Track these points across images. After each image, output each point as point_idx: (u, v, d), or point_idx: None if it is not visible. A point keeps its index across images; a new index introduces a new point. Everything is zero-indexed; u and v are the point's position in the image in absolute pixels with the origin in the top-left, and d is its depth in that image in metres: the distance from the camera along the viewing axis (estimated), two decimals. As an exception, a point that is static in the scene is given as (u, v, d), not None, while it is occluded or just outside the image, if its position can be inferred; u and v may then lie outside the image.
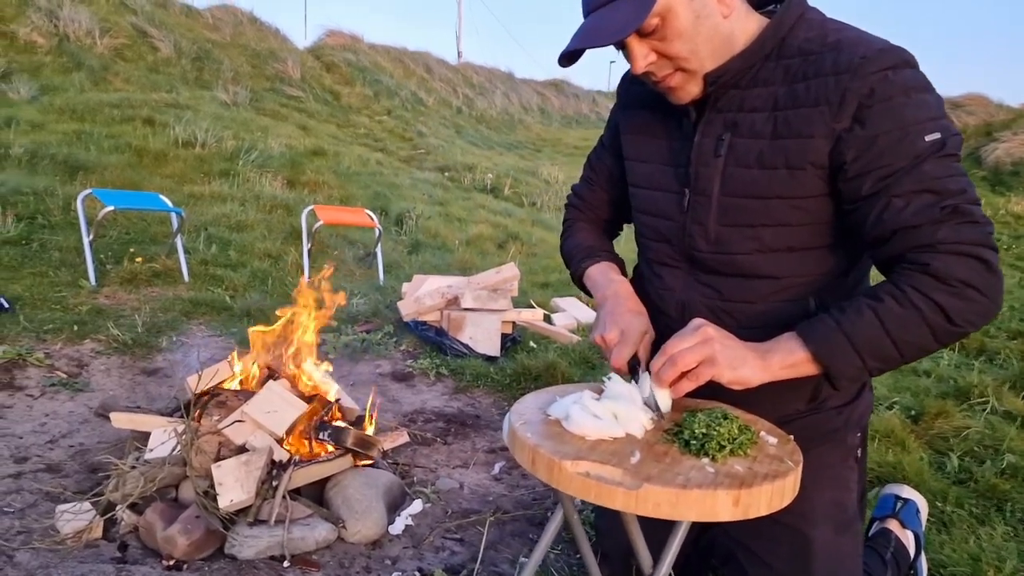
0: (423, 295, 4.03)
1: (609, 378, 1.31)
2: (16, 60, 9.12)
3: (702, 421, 1.16)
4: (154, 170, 6.91)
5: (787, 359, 1.17)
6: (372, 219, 5.30)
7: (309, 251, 4.94)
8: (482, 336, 3.80)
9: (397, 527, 2.18)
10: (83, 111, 7.96)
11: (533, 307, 4.39)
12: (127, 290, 4.07)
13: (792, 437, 1.21)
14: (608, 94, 22.71)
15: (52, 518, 1.99)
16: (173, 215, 4.53)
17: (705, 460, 1.09)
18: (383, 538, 2.09)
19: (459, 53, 23.06)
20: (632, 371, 1.35)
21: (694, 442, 1.13)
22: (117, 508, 2.01)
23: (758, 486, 1.01)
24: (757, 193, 1.28)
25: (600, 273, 1.59)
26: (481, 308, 3.87)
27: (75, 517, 1.95)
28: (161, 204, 4.45)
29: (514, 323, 4.08)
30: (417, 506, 2.32)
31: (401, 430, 2.80)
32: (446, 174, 10.28)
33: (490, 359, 3.76)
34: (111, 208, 4.08)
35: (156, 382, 3.16)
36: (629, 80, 1.58)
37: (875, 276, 1.27)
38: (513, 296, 4.11)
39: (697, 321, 1.22)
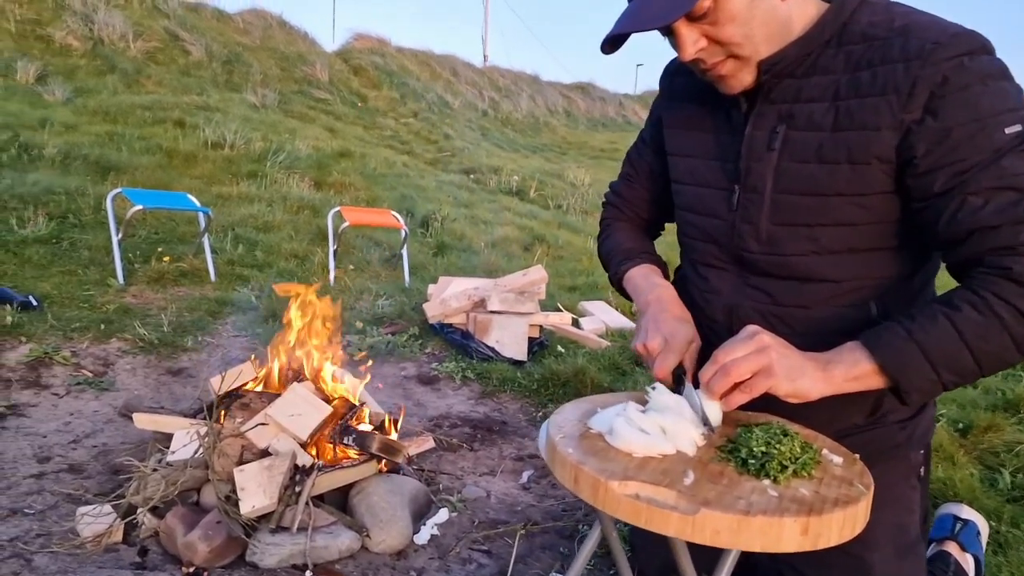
0: (449, 297, 3.97)
1: (653, 388, 1.23)
2: (52, 63, 9.27)
3: (760, 438, 1.07)
4: (184, 171, 6.96)
5: (851, 371, 1.08)
6: (398, 220, 5.26)
7: (335, 252, 4.91)
8: (509, 339, 3.72)
9: (422, 537, 2.11)
10: (116, 113, 8.06)
11: (560, 311, 4.30)
12: (154, 289, 4.07)
13: (858, 456, 1.11)
14: (635, 97, 22.55)
15: (72, 520, 1.95)
16: (201, 215, 4.53)
17: (766, 482, 1.00)
18: (408, 548, 2.02)
19: (485, 56, 23.09)
20: (677, 382, 1.26)
21: (753, 461, 1.03)
22: (138, 512, 1.96)
23: (828, 513, 0.91)
24: (815, 190, 1.19)
25: (641, 277, 1.49)
26: (508, 311, 3.79)
27: (95, 520, 1.90)
28: (189, 204, 4.45)
29: (541, 327, 3.99)
30: (443, 515, 2.24)
31: (426, 435, 2.73)
32: (471, 176, 10.24)
33: (517, 363, 3.67)
34: (140, 207, 4.09)
35: (181, 382, 3.13)
36: (673, 71, 1.49)
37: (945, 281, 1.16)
38: (540, 299, 4.03)
39: (751, 328, 1.13)
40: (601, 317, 4.38)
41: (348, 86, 13.72)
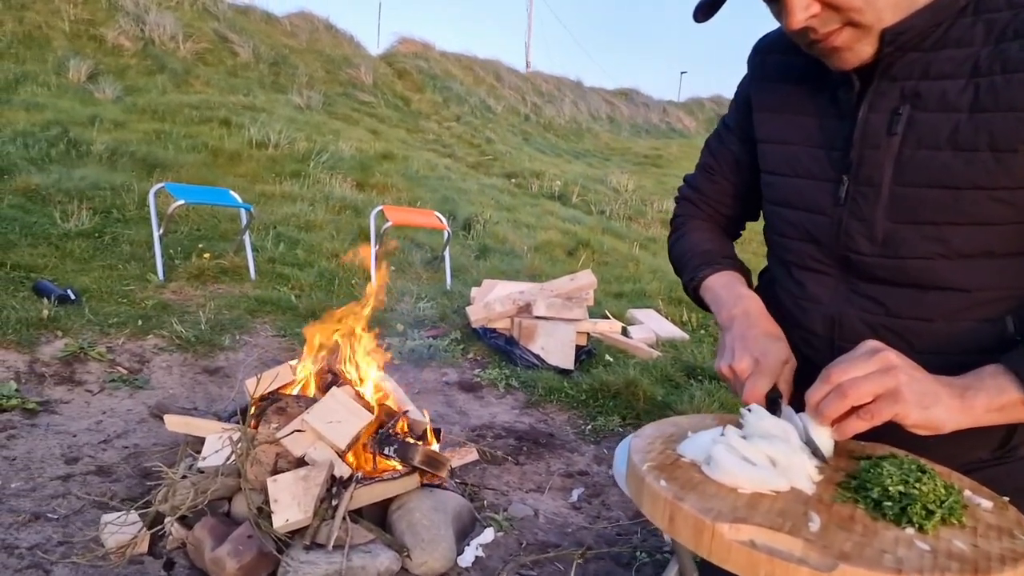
0: (493, 301, 3.81)
1: (749, 410, 1.03)
2: (103, 62, 9.45)
3: (894, 474, 0.87)
4: (228, 169, 6.96)
5: (995, 400, 0.88)
6: (441, 221, 5.13)
7: (377, 252, 4.80)
8: (555, 347, 3.54)
9: (467, 559, 1.94)
10: (164, 111, 8.15)
11: (608, 318, 4.11)
12: (193, 286, 4.00)
13: (1007, 499, 0.90)
14: (679, 104, 22.17)
15: (96, 528, 1.83)
16: (242, 211, 4.46)
17: (910, 531, 0.80)
18: (451, 571, 1.86)
19: (527, 63, 22.99)
20: (770, 409, 1.06)
21: (889, 504, 0.83)
22: (165, 521, 1.84)
23: (996, 573, 0.71)
24: (946, 182, 0.98)
25: (723, 286, 1.29)
26: (555, 317, 3.61)
27: (119, 529, 1.78)
28: (231, 200, 4.39)
29: (588, 335, 3.80)
30: (488, 535, 2.07)
31: (469, 446, 2.56)
32: (513, 180, 10.10)
33: (563, 372, 3.49)
34: (182, 202, 4.03)
35: (217, 382, 3.03)
36: (765, 48, 1.29)
37: None
38: (588, 305, 3.84)
39: (872, 343, 0.93)
40: (651, 326, 4.17)
41: (392, 89, 13.74)
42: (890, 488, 0.85)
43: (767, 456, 0.91)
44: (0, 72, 8.27)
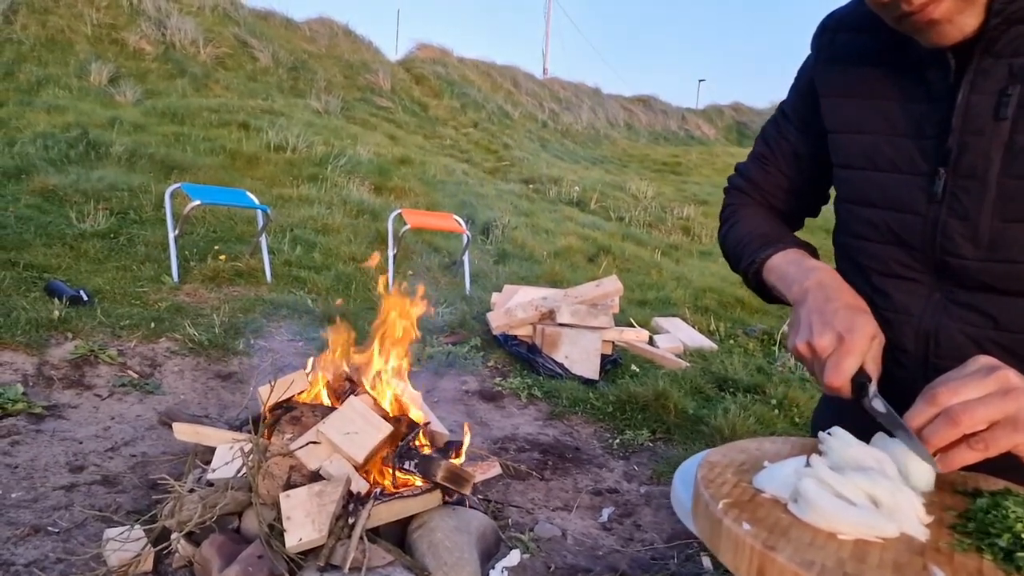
0: (515, 307, 3.67)
1: (831, 433, 0.89)
2: (125, 66, 9.47)
3: (1020, 516, 0.73)
4: (246, 172, 6.90)
5: None
6: (460, 224, 5.01)
7: (395, 256, 4.69)
8: (579, 356, 3.40)
9: (491, 584, 1.80)
10: (183, 115, 8.12)
11: (633, 326, 3.96)
12: (208, 288, 3.91)
13: None
14: (698, 111, 21.95)
15: (98, 543, 1.72)
16: (259, 212, 4.38)
17: (1054, 588, 0.65)
18: (475, 598, 1.72)
19: (545, 70, 22.91)
20: (857, 393, 0.91)
21: (1023, 555, 0.69)
22: (172, 537, 1.72)
23: None
24: None
25: (789, 262, 1.14)
26: (579, 324, 3.47)
27: (122, 546, 1.66)
28: (248, 201, 4.30)
29: (614, 343, 3.66)
30: (514, 557, 1.93)
31: (492, 460, 2.43)
32: (531, 186, 9.98)
33: (588, 382, 3.35)
34: (197, 202, 3.94)
35: (229, 388, 2.92)
36: (834, 26, 1.15)
37: None
38: (614, 313, 3.69)
39: (986, 360, 0.79)
40: (677, 335, 4.02)
41: (410, 95, 13.70)
42: (1022, 534, 0.71)
43: (866, 492, 0.77)
44: (23, 75, 8.30)
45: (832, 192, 1.25)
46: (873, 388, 0.89)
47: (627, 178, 11.62)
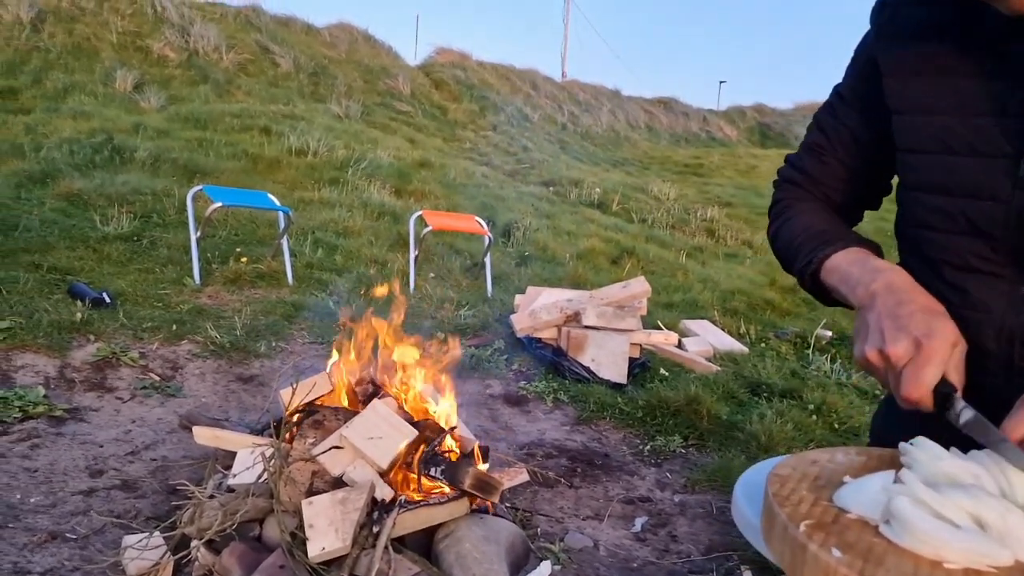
0: (539, 309, 3.59)
1: (913, 443, 0.80)
2: (149, 72, 9.56)
3: None
4: (267, 176, 6.91)
5: None
6: (482, 226, 4.95)
7: (416, 258, 4.64)
8: (606, 359, 3.31)
9: (522, 597, 1.72)
10: (206, 120, 8.17)
11: (661, 329, 3.86)
12: (230, 290, 3.88)
13: None
14: (719, 113, 21.70)
15: (117, 551, 1.66)
16: (280, 214, 4.35)
17: None
18: (506, 612, 1.64)
19: (563, 73, 22.83)
20: (940, 406, 0.82)
21: None
22: (191, 545, 1.66)
23: None
24: None
25: (852, 262, 1.04)
26: (606, 327, 3.38)
27: (141, 554, 1.61)
28: (269, 203, 4.28)
29: (641, 346, 3.56)
30: (544, 569, 1.85)
31: (520, 467, 2.35)
32: (551, 188, 9.90)
33: (616, 386, 3.26)
34: (219, 204, 3.92)
35: (251, 391, 2.87)
36: (895, 0, 1.06)
37: None
38: (641, 315, 3.60)
39: None
40: (706, 338, 3.91)
41: (429, 99, 13.70)
42: None
43: (969, 514, 0.68)
44: (50, 82, 8.41)
45: (895, 181, 1.16)
46: (960, 399, 0.80)
47: (648, 180, 11.50)
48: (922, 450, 0.78)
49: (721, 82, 37.89)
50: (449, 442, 2.00)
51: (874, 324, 0.89)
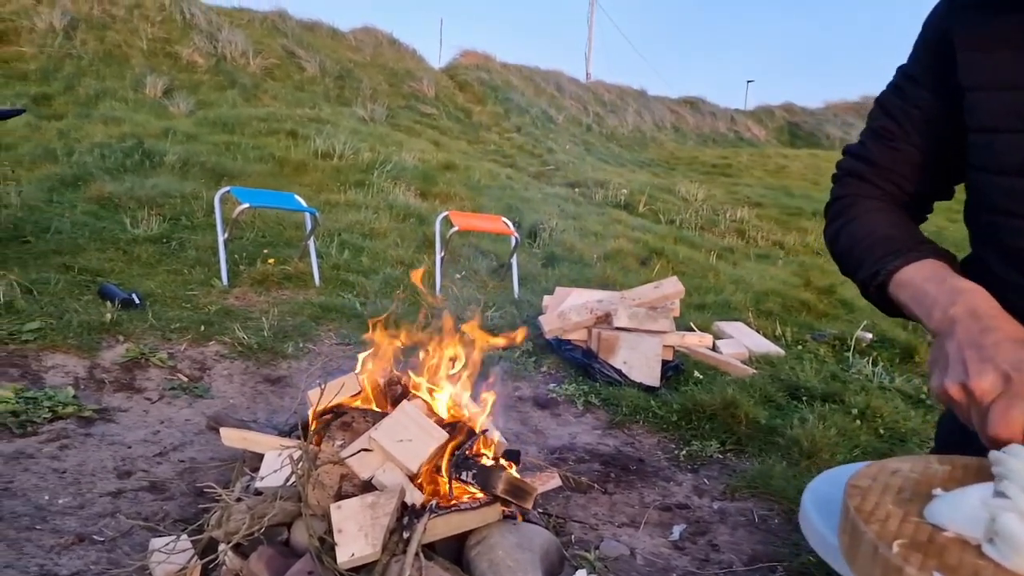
0: (568, 310, 3.52)
1: (1007, 452, 0.72)
2: (178, 78, 9.68)
3: None
4: (294, 178, 6.93)
5: None
6: (508, 226, 4.89)
7: (442, 259, 4.59)
8: (639, 361, 3.22)
9: (558, 607, 1.65)
10: (233, 124, 8.24)
11: (694, 330, 3.76)
12: (257, 292, 3.87)
13: None
14: (747, 113, 21.41)
15: (144, 553, 1.63)
16: (307, 215, 4.34)
17: None
18: (541, 623, 1.57)
19: (588, 74, 22.71)
20: None
21: None
22: (219, 549, 1.62)
23: None
24: None
25: (928, 279, 0.95)
26: (638, 328, 3.29)
27: (168, 558, 1.57)
28: (296, 204, 4.27)
29: (675, 348, 3.47)
30: (580, 578, 1.78)
31: (551, 471, 2.27)
32: (577, 190, 9.82)
33: (648, 389, 3.17)
34: (246, 205, 3.91)
35: (278, 392, 2.84)
36: None
37: None
38: (675, 316, 3.50)
39: None
40: (741, 340, 3.80)
41: (453, 101, 13.70)
42: None
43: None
44: (82, 88, 8.55)
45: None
46: None
47: (675, 181, 11.35)
48: (1019, 459, 0.70)
49: (749, 81, 37.28)
50: (480, 446, 1.94)
51: (955, 354, 0.80)
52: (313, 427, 1.84)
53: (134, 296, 3.28)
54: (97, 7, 10.07)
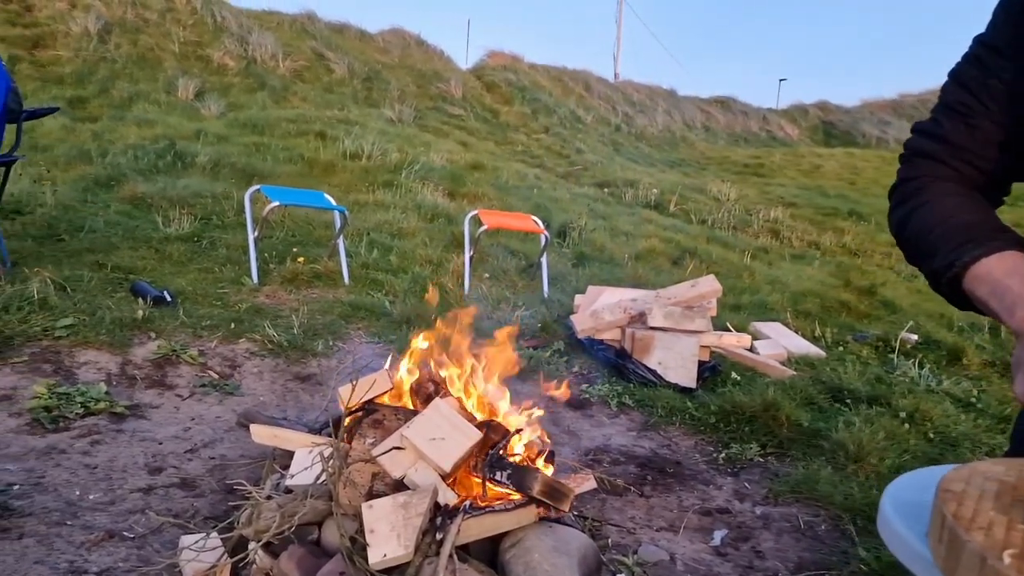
0: (601, 309, 3.44)
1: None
2: (209, 81, 9.80)
3: None
4: (322, 179, 6.95)
5: None
6: (538, 225, 4.82)
7: (471, 259, 4.54)
8: (674, 362, 3.14)
9: (597, 614, 1.58)
10: (263, 126, 8.31)
11: (730, 331, 3.65)
12: (287, 290, 3.86)
13: None
14: (780, 112, 21.06)
15: (174, 550, 1.60)
16: (336, 214, 4.32)
17: None
18: (580, 631, 1.50)
19: (616, 74, 22.55)
20: None
21: None
22: (249, 547, 1.58)
23: None
24: None
25: (1009, 271, 0.86)
26: (674, 328, 3.20)
27: (197, 556, 1.54)
28: (325, 202, 4.26)
29: (711, 349, 3.37)
30: (620, 584, 1.70)
31: (586, 473, 2.20)
32: (606, 190, 9.72)
33: (684, 390, 3.08)
34: (276, 203, 3.91)
35: (309, 389, 2.82)
36: None
37: None
38: (712, 316, 3.41)
39: None
40: (780, 341, 3.69)
41: (481, 102, 13.69)
42: None
43: None
44: (116, 91, 8.70)
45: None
46: None
47: (706, 180, 11.19)
48: None
49: (781, 80, 36.82)
50: (515, 445, 1.88)
51: None
52: (344, 424, 1.79)
53: (166, 294, 3.28)
54: (130, 11, 10.25)
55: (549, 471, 1.93)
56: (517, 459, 1.81)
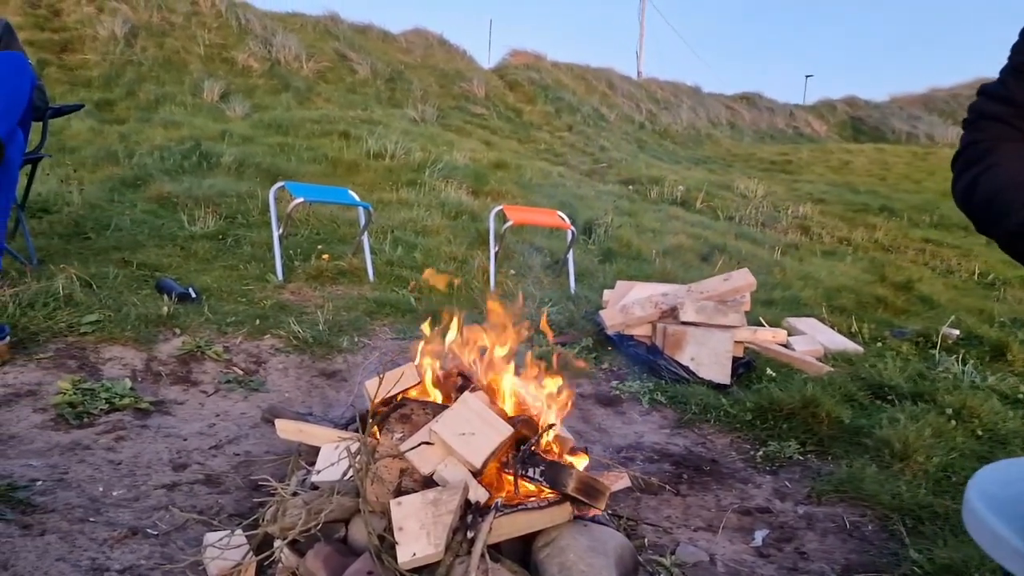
0: (631, 304, 3.36)
1: None
2: (234, 82, 9.87)
3: None
4: (347, 178, 6.94)
5: None
6: (564, 220, 4.75)
7: (496, 255, 4.48)
8: (708, 358, 3.04)
9: (636, 618, 1.51)
10: (287, 126, 8.34)
11: (765, 326, 3.54)
12: (312, 287, 3.84)
13: None
14: (806, 108, 20.70)
15: (198, 548, 1.55)
16: (361, 210, 4.29)
17: None
18: (619, 635, 1.43)
19: (639, 72, 22.36)
20: None
21: None
22: (275, 545, 1.53)
23: None
24: None
25: None
26: (707, 323, 3.11)
27: (222, 553, 1.49)
28: (349, 199, 4.23)
29: (745, 345, 3.26)
30: (658, 586, 1.63)
31: (620, 471, 2.13)
32: (631, 187, 9.60)
33: (718, 387, 2.99)
34: (301, 200, 3.89)
35: (334, 386, 2.78)
36: None
37: None
38: (746, 311, 3.30)
39: None
40: (815, 336, 3.57)
41: (504, 101, 13.64)
42: None
43: None
44: (143, 93, 8.79)
45: None
46: None
47: (733, 177, 11.01)
48: None
49: (807, 76, 36.32)
50: (547, 441, 1.82)
51: None
52: (372, 419, 1.74)
53: (191, 290, 3.27)
54: (156, 15, 10.36)
55: (582, 466, 1.86)
56: (550, 455, 1.74)
